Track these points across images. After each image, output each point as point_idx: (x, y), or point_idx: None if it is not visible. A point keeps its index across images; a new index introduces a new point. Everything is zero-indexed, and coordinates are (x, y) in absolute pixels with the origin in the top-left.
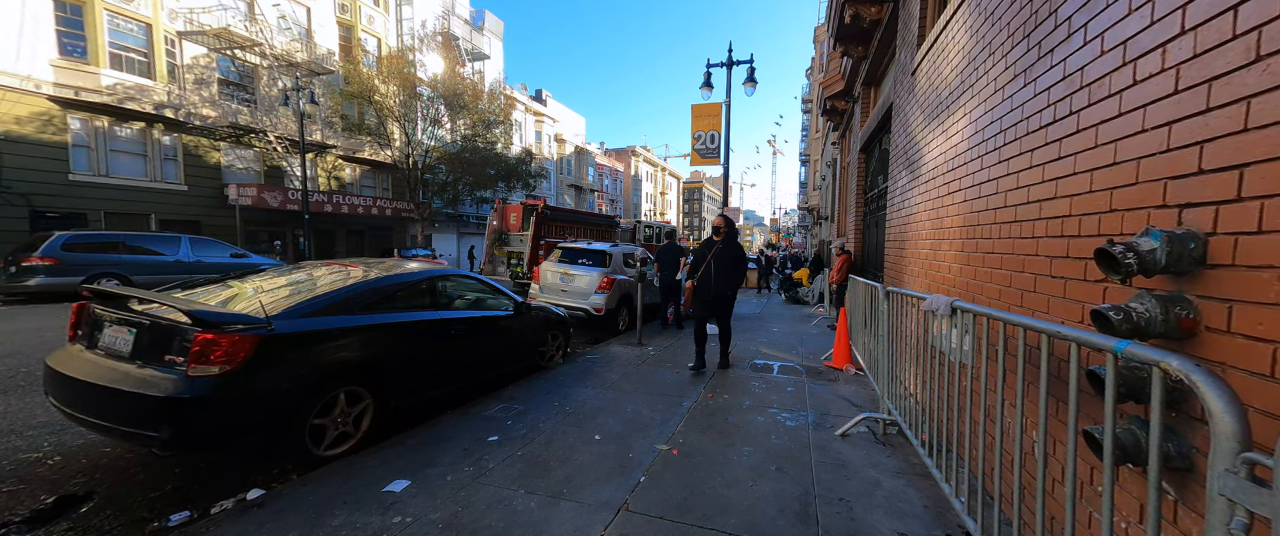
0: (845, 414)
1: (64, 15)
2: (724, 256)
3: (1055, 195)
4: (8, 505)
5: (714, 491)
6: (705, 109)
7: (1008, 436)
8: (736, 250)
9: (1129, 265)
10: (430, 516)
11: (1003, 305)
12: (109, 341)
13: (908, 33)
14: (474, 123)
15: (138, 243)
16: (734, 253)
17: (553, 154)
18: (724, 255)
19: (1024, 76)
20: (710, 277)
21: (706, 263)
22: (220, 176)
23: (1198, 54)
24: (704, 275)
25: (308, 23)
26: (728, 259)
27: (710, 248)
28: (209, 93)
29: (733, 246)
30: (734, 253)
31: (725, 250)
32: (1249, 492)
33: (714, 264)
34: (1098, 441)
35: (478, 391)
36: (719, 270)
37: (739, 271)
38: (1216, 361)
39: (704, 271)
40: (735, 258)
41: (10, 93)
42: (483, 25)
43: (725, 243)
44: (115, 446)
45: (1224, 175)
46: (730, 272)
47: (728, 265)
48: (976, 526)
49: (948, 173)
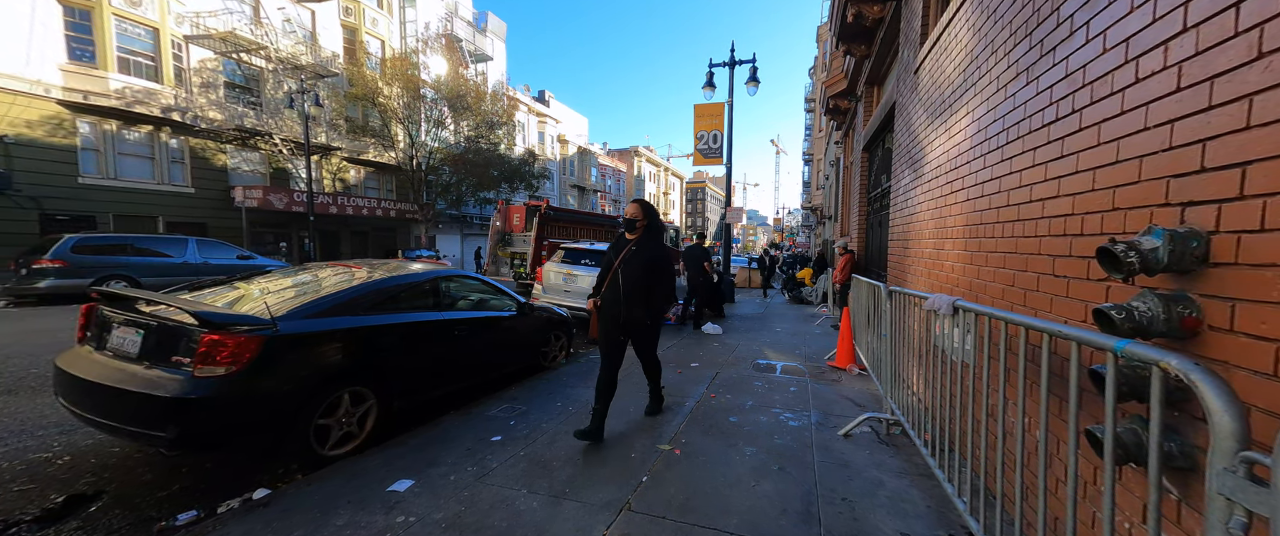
0: (848, 414)
1: (72, 20)
2: (636, 262)
3: (1058, 194)
4: (18, 504)
5: (716, 491)
6: (707, 109)
7: (1010, 436)
8: (658, 252)
9: (1131, 264)
10: (433, 516)
11: (1005, 304)
12: (117, 342)
13: (910, 31)
14: (477, 124)
15: (145, 245)
16: (653, 256)
17: (556, 155)
18: (637, 260)
19: (1026, 75)
20: (618, 295)
21: (613, 272)
22: (226, 179)
23: (1199, 51)
24: (611, 291)
25: (312, 26)
26: (642, 265)
27: (620, 249)
28: (215, 96)
29: (652, 246)
30: (653, 256)
31: (640, 252)
32: (1247, 491)
33: (623, 274)
34: (1099, 441)
35: (481, 391)
36: (630, 283)
37: (664, 284)
38: (1219, 360)
39: (610, 284)
40: (653, 263)
41: (20, 97)
42: (485, 27)
43: (641, 242)
44: (123, 446)
45: (1226, 173)
46: (646, 288)
47: (642, 275)
48: (979, 526)
49: (950, 171)
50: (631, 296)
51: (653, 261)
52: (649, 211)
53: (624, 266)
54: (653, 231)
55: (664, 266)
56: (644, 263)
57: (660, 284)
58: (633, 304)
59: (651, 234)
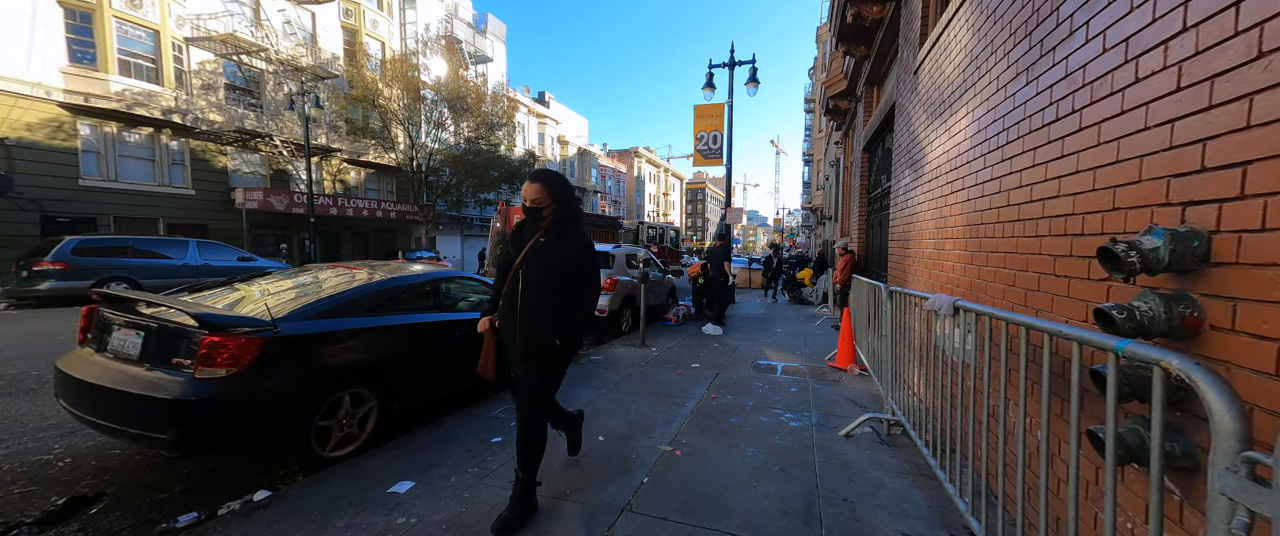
0: (849, 414)
1: (73, 23)
2: (541, 262)
3: (1058, 194)
4: (19, 506)
5: (717, 492)
6: (707, 109)
7: (1011, 436)
8: (575, 249)
9: (1132, 264)
10: (434, 517)
11: (1006, 304)
12: (118, 344)
13: (910, 31)
14: (477, 125)
15: (146, 246)
16: (568, 253)
17: (556, 156)
18: (542, 259)
19: (1026, 75)
20: (515, 308)
21: (513, 273)
22: (227, 180)
23: (1199, 51)
24: (507, 304)
25: (312, 28)
26: (549, 266)
27: (521, 243)
28: (216, 98)
29: (568, 239)
30: (568, 253)
31: (548, 248)
32: (1249, 491)
33: (523, 278)
34: (1101, 441)
35: (481, 392)
36: (532, 291)
37: (585, 293)
38: (1221, 360)
39: (507, 294)
40: (568, 263)
41: (21, 100)
42: (485, 28)
43: (551, 234)
44: (124, 448)
45: (1227, 173)
46: (557, 299)
47: (550, 280)
48: (980, 527)
49: (950, 172)
50: (532, 310)
51: (567, 261)
52: (557, 191)
53: (525, 268)
54: (568, 219)
55: (583, 268)
56: (554, 263)
57: (581, 293)
58: (534, 320)
59: (566, 222)
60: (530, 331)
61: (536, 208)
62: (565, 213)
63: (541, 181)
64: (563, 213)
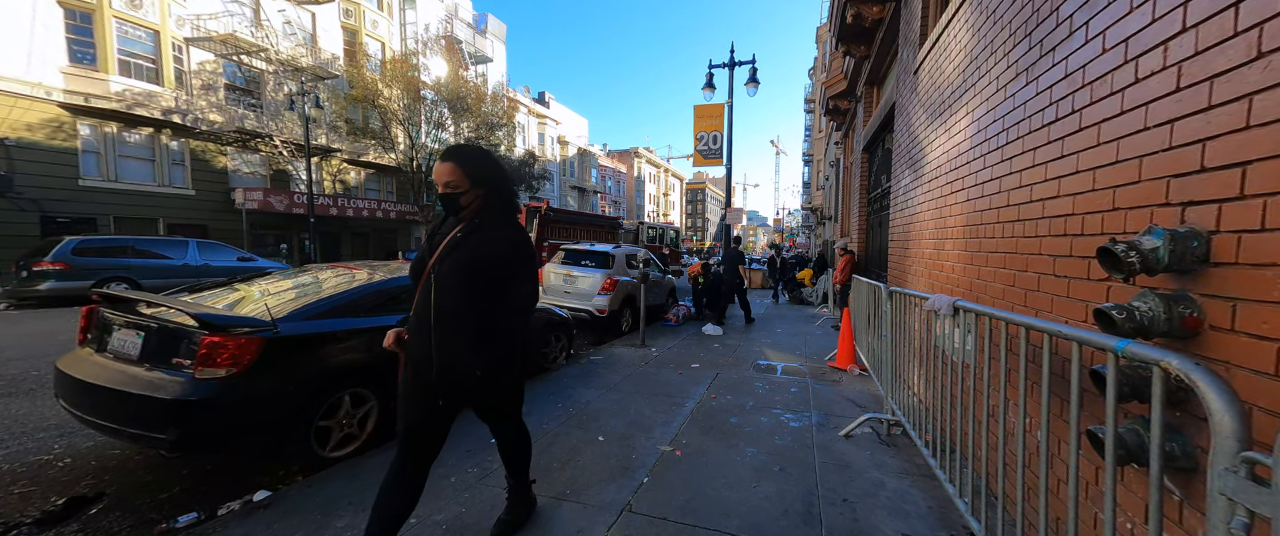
0: (849, 414)
1: (73, 23)
2: (458, 263)
3: (1058, 194)
4: (19, 506)
5: (717, 492)
6: (707, 110)
7: (1011, 436)
8: (505, 250)
9: (1131, 264)
10: (434, 517)
11: (1006, 304)
12: (118, 344)
13: (910, 32)
14: (477, 125)
15: (146, 247)
16: (496, 255)
17: (556, 156)
18: (460, 259)
19: (1026, 75)
20: (426, 321)
21: (425, 279)
22: (227, 181)
23: (1199, 51)
24: (419, 316)
25: (312, 28)
26: (468, 269)
27: (438, 240)
28: (216, 98)
29: (495, 238)
30: (496, 255)
31: (467, 246)
32: (1249, 491)
33: (437, 285)
34: (1101, 441)
35: None
36: (448, 302)
37: (519, 306)
38: (1221, 360)
39: (420, 303)
40: (494, 264)
41: (21, 100)
42: (485, 28)
43: (475, 226)
44: (124, 448)
45: (1226, 173)
46: (461, 315)
47: (466, 285)
48: (980, 527)
49: (950, 172)
50: (446, 329)
51: (493, 264)
52: (477, 171)
53: (439, 272)
54: (497, 208)
55: (516, 272)
56: (477, 266)
57: (513, 306)
58: (449, 343)
59: (496, 212)
60: (446, 357)
61: (452, 194)
62: (494, 199)
63: (454, 159)
64: (491, 199)
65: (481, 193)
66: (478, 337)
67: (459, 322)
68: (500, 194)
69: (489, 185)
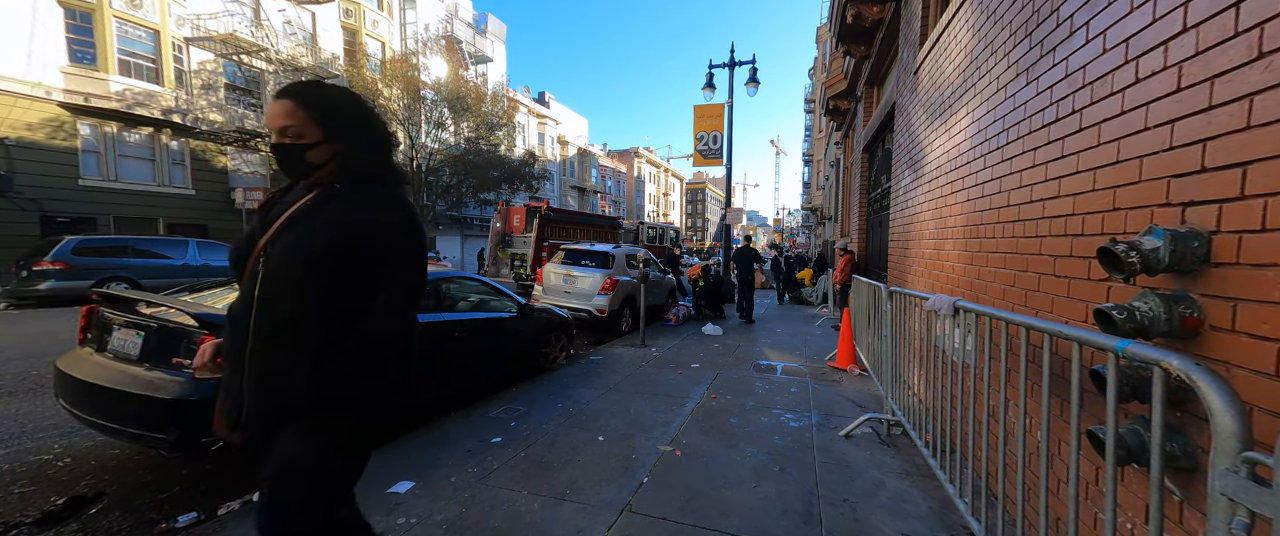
0: (849, 414)
1: (73, 23)
2: (294, 246)
3: (1058, 194)
4: (19, 506)
5: (717, 492)
6: (707, 110)
7: (1012, 436)
8: (370, 232)
9: (1132, 264)
10: (434, 517)
11: (1006, 305)
12: (118, 344)
13: (910, 32)
14: (477, 125)
15: (146, 246)
16: (355, 239)
17: (556, 156)
18: (299, 240)
19: (1026, 75)
20: (242, 328)
21: (250, 269)
22: (227, 180)
23: (1199, 51)
24: (237, 320)
25: (312, 28)
26: (310, 256)
27: (274, 215)
28: (216, 97)
29: (355, 218)
30: (355, 239)
31: (319, 224)
32: (1250, 492)
33: (263, 276)
34: (1101, 441)
35: (481, 393)
36: (273, 302)
37: (393, 312)
38: (1221, 360)
39: (239, 303)
40: (350, 249)
41: (21, 99)
42: (485, 28)
43: (327, 197)
44: (124, 448)
45: (1227, 173)
46: (297, 320)
47: (305, 279)
48: (981, 527)
49: (950, 172)
50: (270, 338)
51: (348, 249)
52: (330, 112)
53: (267, 260)
54: (361, 171)
55: (388, 264)
56: (322, 252)
57: (382, 312)
58: (271, 358)
59: (359, 177)
60: (263, 380)
61: (290, 145)
62: (359, 159)
63: (293, 97)
64: (353, 158)
65: (339, 148)
66: (315, 356)
67: (290, 329)
68: (370, 149)
69: (351, 137)
